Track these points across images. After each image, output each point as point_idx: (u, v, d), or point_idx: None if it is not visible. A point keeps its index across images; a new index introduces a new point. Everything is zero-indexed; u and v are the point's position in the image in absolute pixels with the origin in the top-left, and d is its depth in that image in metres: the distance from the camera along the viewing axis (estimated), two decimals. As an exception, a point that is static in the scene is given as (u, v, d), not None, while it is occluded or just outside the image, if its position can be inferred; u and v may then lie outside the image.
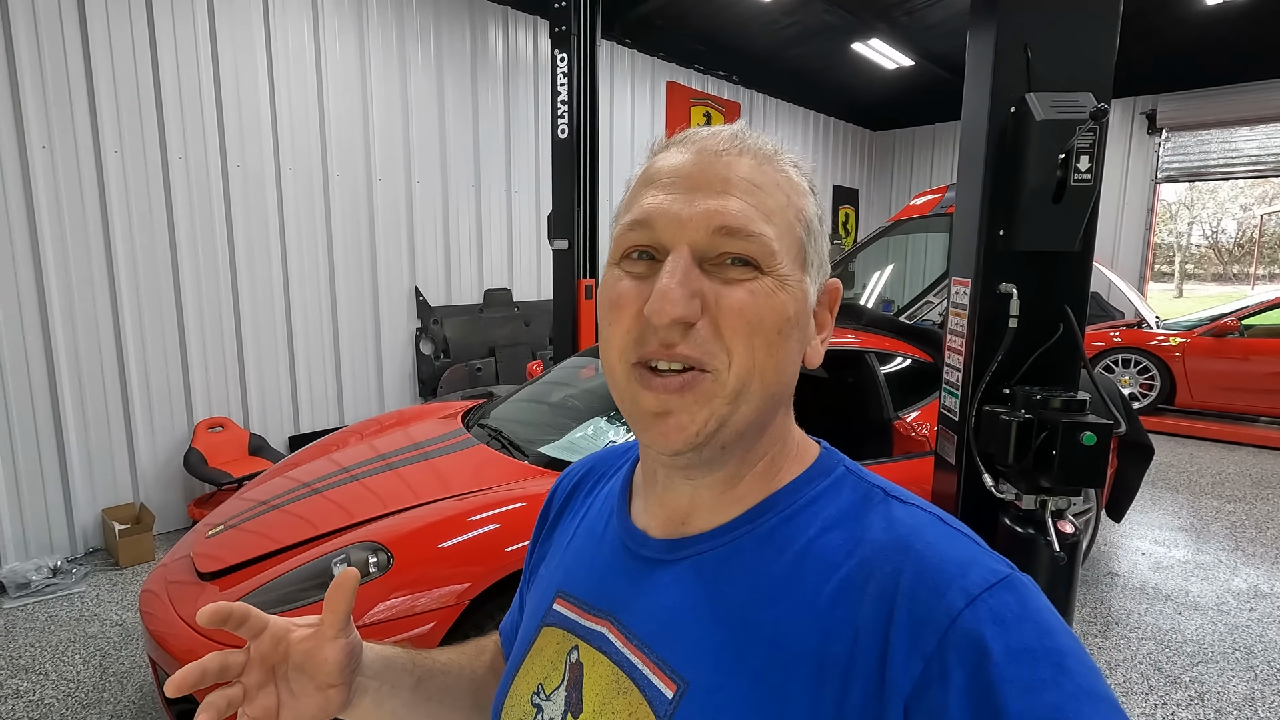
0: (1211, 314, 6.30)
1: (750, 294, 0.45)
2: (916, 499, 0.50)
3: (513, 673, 0.60)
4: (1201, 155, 7.97)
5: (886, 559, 0.44)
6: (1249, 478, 4.85)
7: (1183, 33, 6.45)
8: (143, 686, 2.43)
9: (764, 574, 0.48)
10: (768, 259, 0.46)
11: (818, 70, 7.72)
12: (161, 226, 3.64)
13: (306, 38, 4.16)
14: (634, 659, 0.50)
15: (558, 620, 0.58)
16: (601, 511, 0.62)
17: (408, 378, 4.99)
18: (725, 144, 0.49)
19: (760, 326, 0.45)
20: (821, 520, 0.49)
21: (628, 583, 0.54)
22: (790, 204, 0.48)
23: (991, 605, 0.40)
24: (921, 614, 0.40)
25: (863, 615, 0.42)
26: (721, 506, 0.52)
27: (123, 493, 3.62)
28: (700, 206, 0.46)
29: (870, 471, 0.53)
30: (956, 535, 0.46)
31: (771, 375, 0.47)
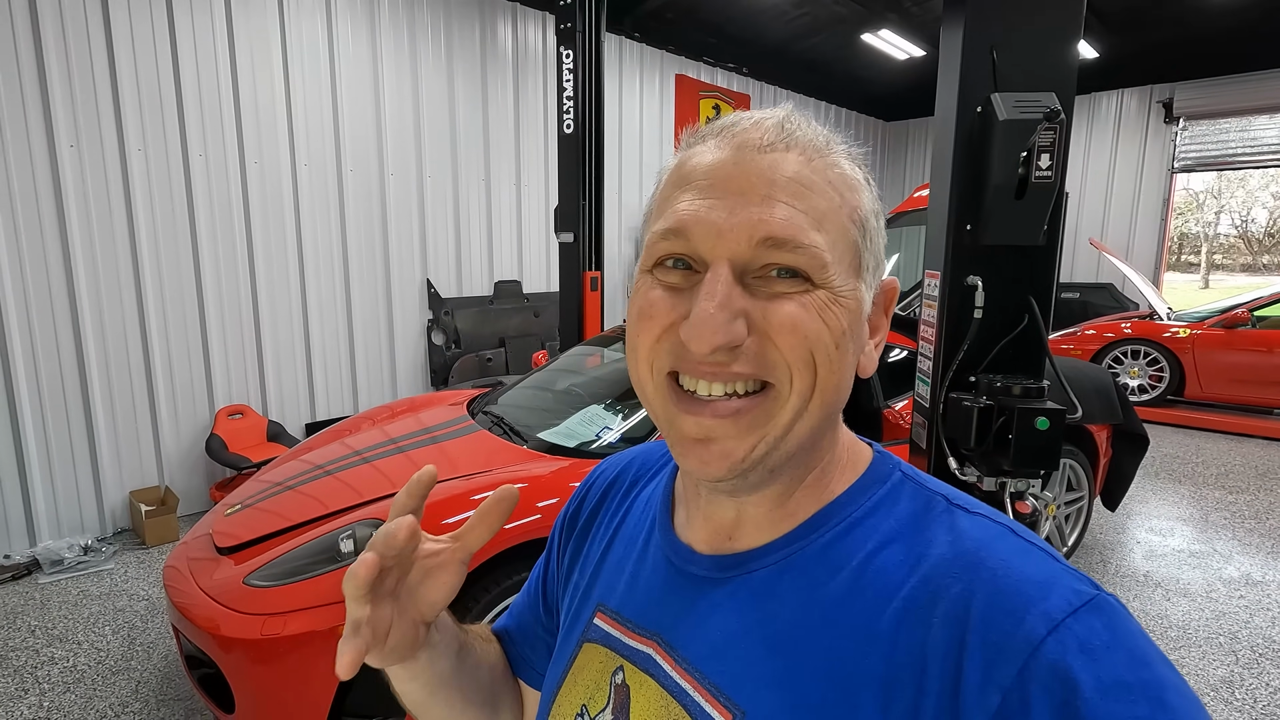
0: (1223, 305, 6.24)
1: (802, 308, 0.41)
2: (984, 507, 0.46)
3: (554, 689, 0.58)
4: (1220, 144, 7.85)
5: (954, 578, 0.40)
6: (1254, 470, 4.84)
7: (1200, 20, 6.36)
8: (168, 655, 2.59)
9: (819, 594, 0.44)
10: (819, 271, 0.41)
11: (829, 61, 7.72)
12: (183, 222, 3.80)
13: (320, 37, 4.29)
14: (685, 684, 0.47)
15: (600, 637, 0.55)
16: (641, 520, 0.59)
17: (420, 368, 5.13)
18: (770, 136, 0.43)
19: (819, 342, 0.41)
20: (879, 534, 0.45)
21: (674, 602, 0.51)
22: (844, 203, 0.43)
23: (1078, 632, 0.36)
24: (998, 641, 0.37)
25: (931, 641, 0.39)
26: (771, 523, 0.48)
27: (149, 476, 3.81)
28: (742, 215, 0.41)
29: (930, 477, 0.49)
30: (1032, 550, 0.41)
31: (832, 393, 0.43)
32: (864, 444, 0.52)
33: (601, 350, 3.45)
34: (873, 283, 0.46)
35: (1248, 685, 2.45)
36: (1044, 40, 1.60)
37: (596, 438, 2.54)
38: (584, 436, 2.56)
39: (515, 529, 2.03)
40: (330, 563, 1.92)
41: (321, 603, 1.82)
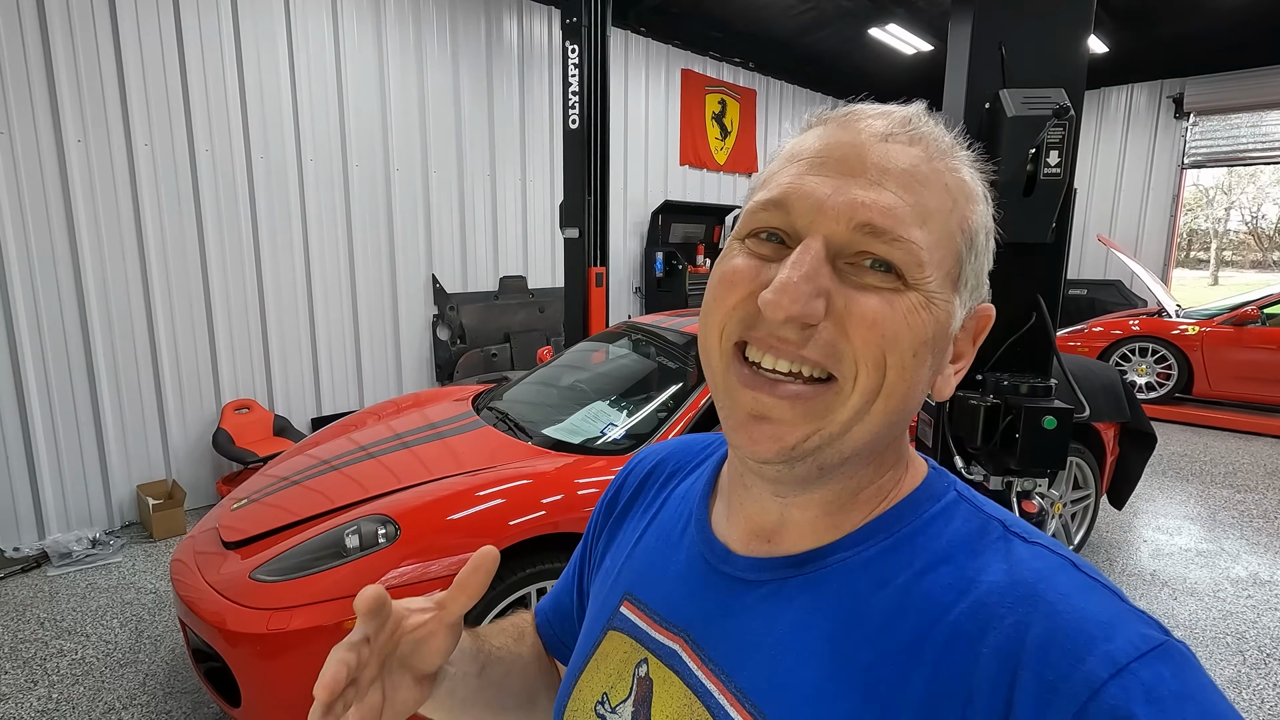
0: (1232, 302, 6.20)
1: (888, 305, 0.40)
2: (1043, 536, 0.43)
3: (575, 675, 0.57)
4: (1230, 139, 7.78)
5: (1009, 608, 0.38)
6: (1263, 468, 4.81)
7: (1211, 14, 6.30)
8: (175, 648, 2.61)
9: (861, 609, 0.43)
10: (914, 270, 0.40)
11: (835, 56, 7.67)
12: (190, 217, 3.81)
13: (326, 32, 4.29)
14: (710, 685, 0.46)
15: (625, 626, 0.55)
16: (678, 512, 0.57)
17: (425, 363, 5.14)
18: (895, 127, 0.42)
19: (896, 344, 0.40)
20: (929, 553, 0.43)
21: (705, 600, 0.50)
22: (955, 210, 0.42)
23: (1144, 679, 0.34)
24: (1054, 680, 0.35)
25: (979, 672, 0.37)
26: (814, 531, 0.47)
27: (156, 470, 3.83)
28: (846, 195, 0.40)
29: (988, 500, 0.47)
30: (1096, 587, 0.39)
31: (898, 402, 0.41)
32: (920, 459, 0.50)
33: (606, 346, 3.45)
34: (968, 302, 0.44)
35: (1255, 685, 2.44)
36: (1053, 36, 1.59)
37: (601, 434, 2.54)
38: (589, 433, 2.56)
39: (520, 525, 2.03)
40: (336, 558, 1.93)
41: (327, 598, 1.83)
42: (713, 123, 7.35)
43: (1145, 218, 8.16)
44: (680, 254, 6.69)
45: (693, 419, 2.45)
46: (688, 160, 7.11)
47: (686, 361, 2.89)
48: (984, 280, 0.45)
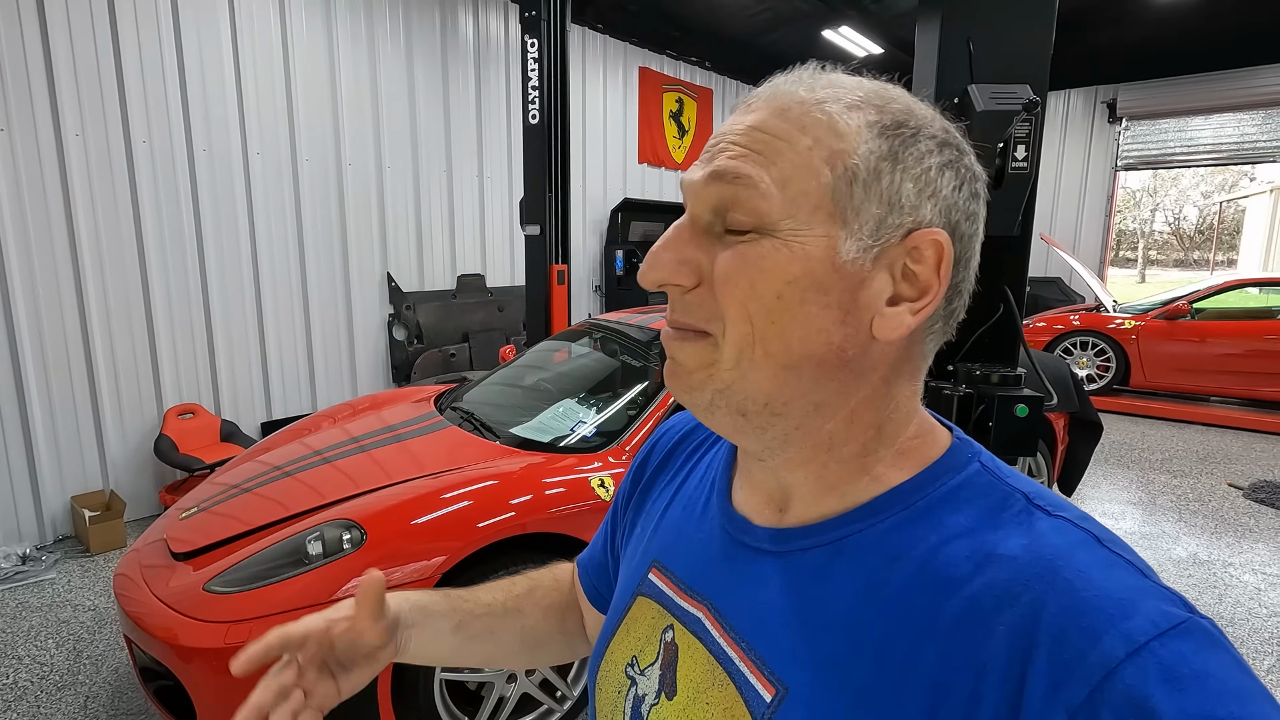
0: (1165, 298, 6.53)
1: (738, 256, 0.42)
2: (1069, 507, 0.42)
3: (608, 638, 0.60)
4: (1159, 144, 8.21)
5: (1025, 585, 0.37)
6: (1196, 454, 5.08)
7: (1142, 24, 6.62)
8: (118, 668, 2.46)
9: (875, 582, 0.43)
10: (759, 212, 0.41)
11: (790, 57, 7.62)
12: (126, 211, 3.60)
13: (272, 20, 4.12)
14: (731, 653, 0.48)
15: (653, 593, 0.57)
16: (702, 483, 0.59)
17: (381, 364, 5.00)
18: (761, 96, 0.45)
19: (752, 290, 0.41)
20: (946, 526, 0.42)
21: (727, 570, 0.51)
22: (817, 145, 0.41)
23: (1162, 657, 0.33)
24: (1069, 658, 0.34)
25: (992, 648, 0.37)
26: (815, 496, 0.47)
27: (92, 480, 3.61)
28: (708, 167, 0.44)
29: (1014, 470, 0.46)
30: (1118, 562, 0.38)
31: (778, 344, 0.42)
32: (944, 429, 0.49)
33: (569, 345, 3.40)
34: (874, 234, 0.41)
35: (1200, 660, 2.56)
36: (1019, 32, 1.62)
37: (571, 431, 2.50)
38: (558, 431, 2.52)
39: (490, 527, 1.98)
40: (298, 565, 1.84)
41: (290, 608, 1.74)
42: (670, 121, 7.36)
43: (1083, 217, 8.54)
44: (640, 252, 6.68)
45: (663, 416, 2.43)
46: (646, 158, 7.11)
47: (651, 359, 2.88)
48: (905, 205, 0.42)
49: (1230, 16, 6.33)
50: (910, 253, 0.42)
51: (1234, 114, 7.70)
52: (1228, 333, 5.95)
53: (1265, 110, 7.52)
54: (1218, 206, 29.31)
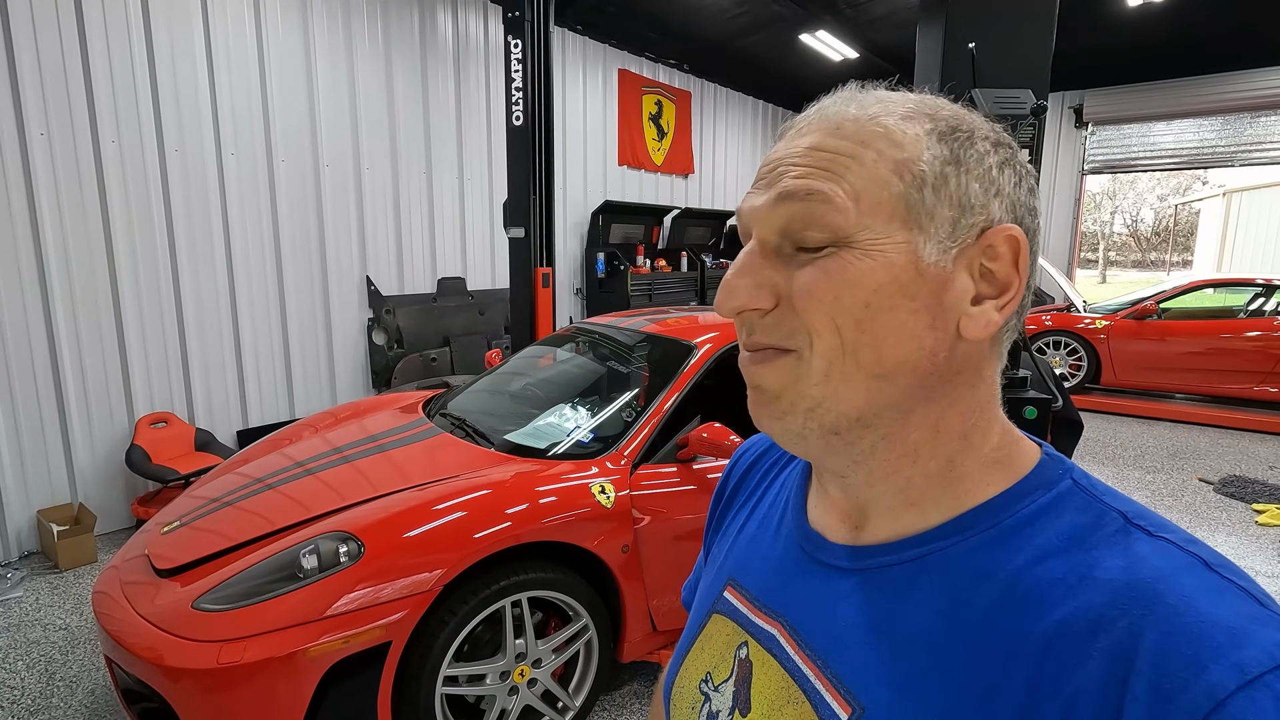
0: (1132, 298, 6.71)
1: (820, 270, 0.42)
2: (1173, 529, 0.40)
3: (682, 655, 0.60)
4: (1123, 148, 8.45)
5: (1123, 609, 0.35)
6: (1166, 450, 5.22)
7: (1108, 31, 6.79)
8: (94, 690, 2.36)
9: (959, 602, 0.41)
10: (835, 226, 0.41)
11: (767, 60, 7.83)
12: (95, 213, 3.47)
13: (247, 16, 4.01)
14: (806, 670, 0.47)
15: (728, 610, 0.57)
16: (778, 501, 0.59)
17: (360, 369, 4.89)
18: (810, 119, 0.46)
19: (838, 303, 0.41)
20: (1036, 546, 0.41)
21: (802, 586, 0.51)
22: (882, 157, 0.42)
23: (1279, 692, 0.31)
24: (1171, 689, 0.32)
25: (1086, 675, 0.35)
26: (894, 513, 0.46)
27: (59, 493, 3.47)
28: (772, 190, 0.44)
29: (1110, 488, 0.44)
30: (1228, 588, 0.36)
31: (870, 354, 0.42)
32: (1031, 444, 0.47)
33: (555, 350, 3.36)
34: (950, 235, 0.42)
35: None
36: (1020, 36, 1.64)
37: (567, 437, 2.46)
38: (553, 437, 2.48)
39: (486, 538, 1.93)
40: (291, 580, 1.78)
41: (285, 625, 1.68)
42: (650, 123, 7.35)
43: (1052, 220, 8.74)
44: (621, 254, 6.65)
45: (659, 422, 2.41)
46: (626, 160, 7.09)
47: (640, 363, 2.86)
48: (974, 205, 0.43)
49: (1193, 25, 6.53)
50: (985, 251, 0.43)
51: (1194, 119, 7.95)
52: (1192, 332, 6.13)
53: (1224, 115, 7.78)
54: (1173, 209, 30.29)
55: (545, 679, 2.08)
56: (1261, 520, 3.87)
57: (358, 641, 1.72)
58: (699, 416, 2.53)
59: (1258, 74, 7.34)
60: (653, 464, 2.32)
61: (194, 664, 1.64)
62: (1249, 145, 7.78)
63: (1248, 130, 7.73)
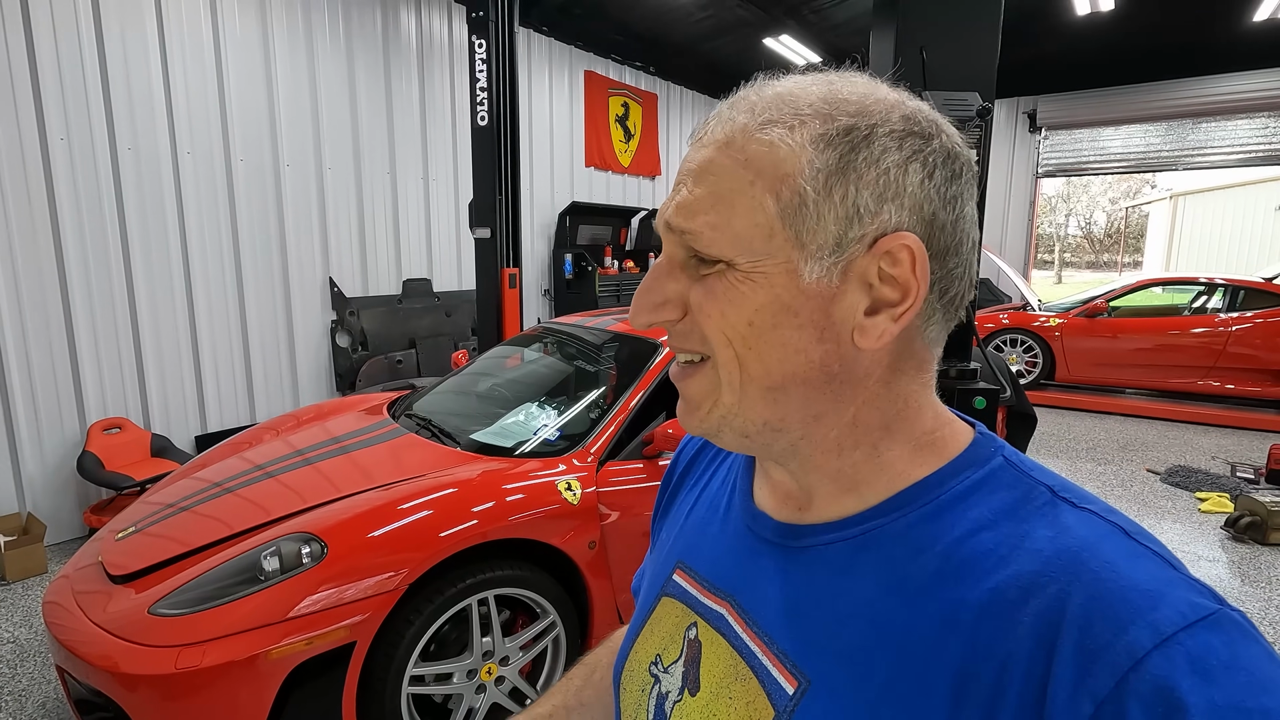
0: (1084, 297, 6.94)
1: (706, 289, 0.44)
2: (1096, 501, 0.42)
3: (632, 638, 0.61)
4: (1075, 152, 8.73)
5: (1051, 576, 0.37)
6: (1116, 443, 5.41)
7: (1058, 39, 7.03)
8: (45, 703, 2.28)
9: (898, 574, 0.43)
10: (716, 252, 0.43)
11: (732, 64, 7.92)
12: (42, 212, 3.36)
13: (202, 10, 3.92)
14: (754, 647, 0.48)
15: (677, 592, 0.57)
16: (725, 484, 0.60)
17: (323, 371, 4.81)
18: (710, 127, 0.46)
19: (725, 320, 0.43)
20: (970, 520, 0.42)
21: (749, 566, 0.52)
22: (760, 177, 0.42)
23: (1190, 648, 0.33)
24: (1095, 648, 0.34)
25: (1017, 638, 0.37)
26: (834, 497, 0.48)
27: (6, 502, 3.35)
28: (665, 213, 0.45)
29: (1037, 464, 0.46)
30: (1145, 554, 0.38)
31: (758, 368, 0.43)
32: (965, 425, 0.49)
33: (522, 350, 3.36)
34: (835, 250, 0.41)
35: (1132, 635, 2.72)
36: (967, 41, 1.70)
37: (534, 435, 2.47)
38: (520, 435, 2.48)
39: (451, 536, 1.93)
40: (252, 584, 1.75)
41: (245, 628, 1.66)
42: (616, 125, 7.37)
43: (1008, 222, 8.99)
44: (589, 255, 6.66)
45: (625, 420, 2.43)
46: (593, 162, 7.10)
47: (606, 362, 2.87)
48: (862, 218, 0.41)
49: (1140, 34, 6.79)
50: (883, 257, 0.42)
51: (1141, 124, 8.26)
52: (1140, 329, 6.37)
53: (1168, 121, 8.10)
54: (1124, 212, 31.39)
55: (513, 676, 2.08)
56: (1203, 508, 4.04)
57: (321, 643, 1.70)
58: (664, 414, 2.55)
59: (1200, 81, 7.66)
60: (619, 461, 2.34)
61: (151, 670, 1.61)
62: (1191, 150, 8.12)
63: (1190, 135, 8.06)
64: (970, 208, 0.45)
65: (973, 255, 0.46)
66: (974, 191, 0.45)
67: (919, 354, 0.46)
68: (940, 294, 0.44)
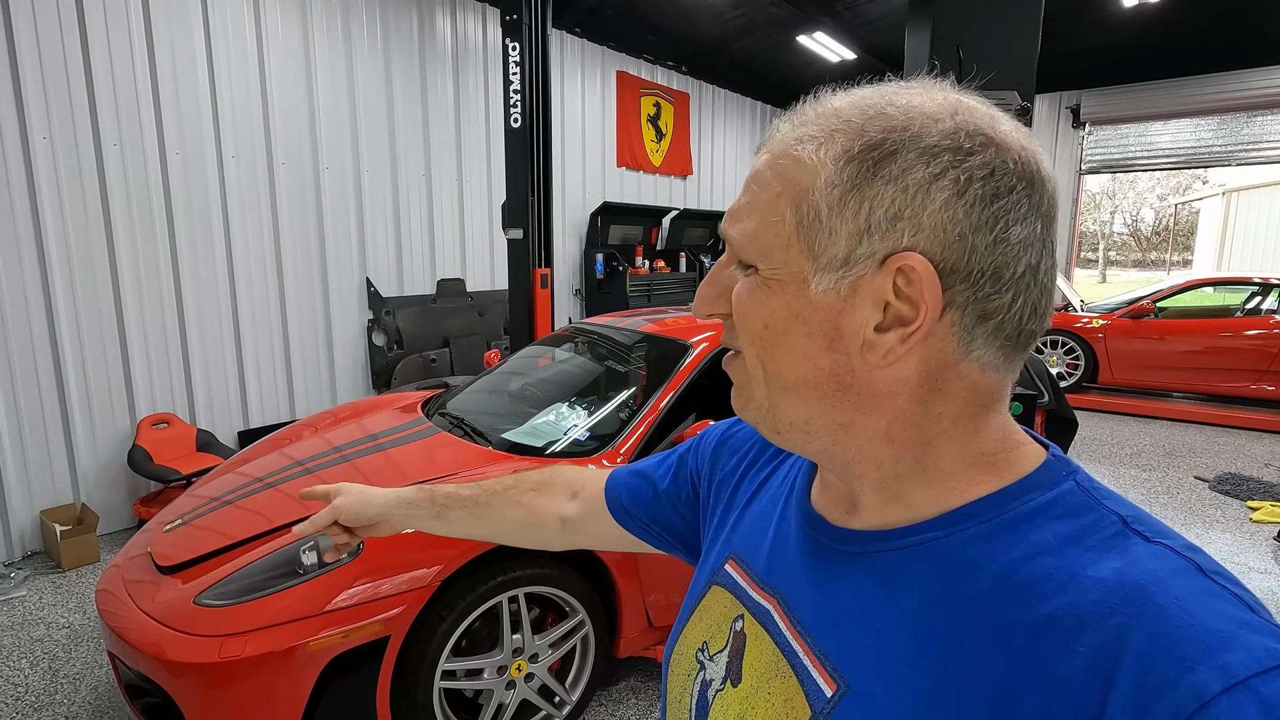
0: (1130, 297, 6.73)
1: (739, 292, 0.47)
2: (1172, 535, 0.40)
3: (683, 623, 0.62)
4: (1120, 148, 8.46)
5: (1114, 608, 0.35)
6: (1162, 449, 5.24)
7: (1104, 32, 6.82)
8: (97, 686, 2.38)
9: (949, 591, 0.42)
10: (745, 254, 0.46)
11: (764, 62, 7.86)
12: (96, 216, 3.50)
13: (247, 20, 4.04)
14: (796, 646, 0.49)
15: (727, 583, 0.59)
16: (786, 480, 0.61)
17: (360, 370, 4.92)
18: (769, 138, 0.48)
19: (746, 323, 0.47)
20: (1030, 543, 0.41)
21: (800, 565, 0.52)
22: (787, 189, 0.44)
23: (1264, 696, 0.30)
24: (1156, 686, 0.32)
25: (1069, 668, 0.35)
26: (880, 506, 0.48)
27: (62, 494, 3.50)
28: None
29: (1113, 493, 0.44)
30: (1220, 593, 0.36)
31: (773, 368, 0.46)
32: (1038, 447, 0.47)
33: (553, 350, 3.39)
34: (844, 264, 0.42)
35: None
36: (1006, 38, 1.67)
37: (564, 435, 2.49)
38: (550, 435, 2.51)
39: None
40: (291, 577, 1.81)
41: (283, 620, 1.71)
42: (648, 125, 7.38)
43: (1049, 220, 8.75)
44: (620, 255, 6.68)
45: (655, 421, 2.44)
46: (624, 162, 7.12)
47: (637, 362, 2.88)
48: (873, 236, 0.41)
49: (1188, 25, 6.56)
50: (898, 275, 0.41)
51: (1191, 119, 7.97)
52: (1189, 331, 6.15)
53: (1220, 115, 7.80)
54: (1173, 209, 30.29)
55: (542, 674, 2.10)
56: (1256, 517, 3.89)
57: (357, 636, 1.75)
58: (694, 415, 2.55)
59: (1254, 73, 7.36)
60: (648, 462, 2.34)
61: (196, 658, 1.67)
62: (1246, 145, 7.80)
63: (1244, 130, 7.75)
64: (1025, 230, 0.41)
65: (1033, 280, 0.43)
66: (1035, 211, 0.41)
67: (969, 376, 0.43)
68: (979, 318, 0.42)
